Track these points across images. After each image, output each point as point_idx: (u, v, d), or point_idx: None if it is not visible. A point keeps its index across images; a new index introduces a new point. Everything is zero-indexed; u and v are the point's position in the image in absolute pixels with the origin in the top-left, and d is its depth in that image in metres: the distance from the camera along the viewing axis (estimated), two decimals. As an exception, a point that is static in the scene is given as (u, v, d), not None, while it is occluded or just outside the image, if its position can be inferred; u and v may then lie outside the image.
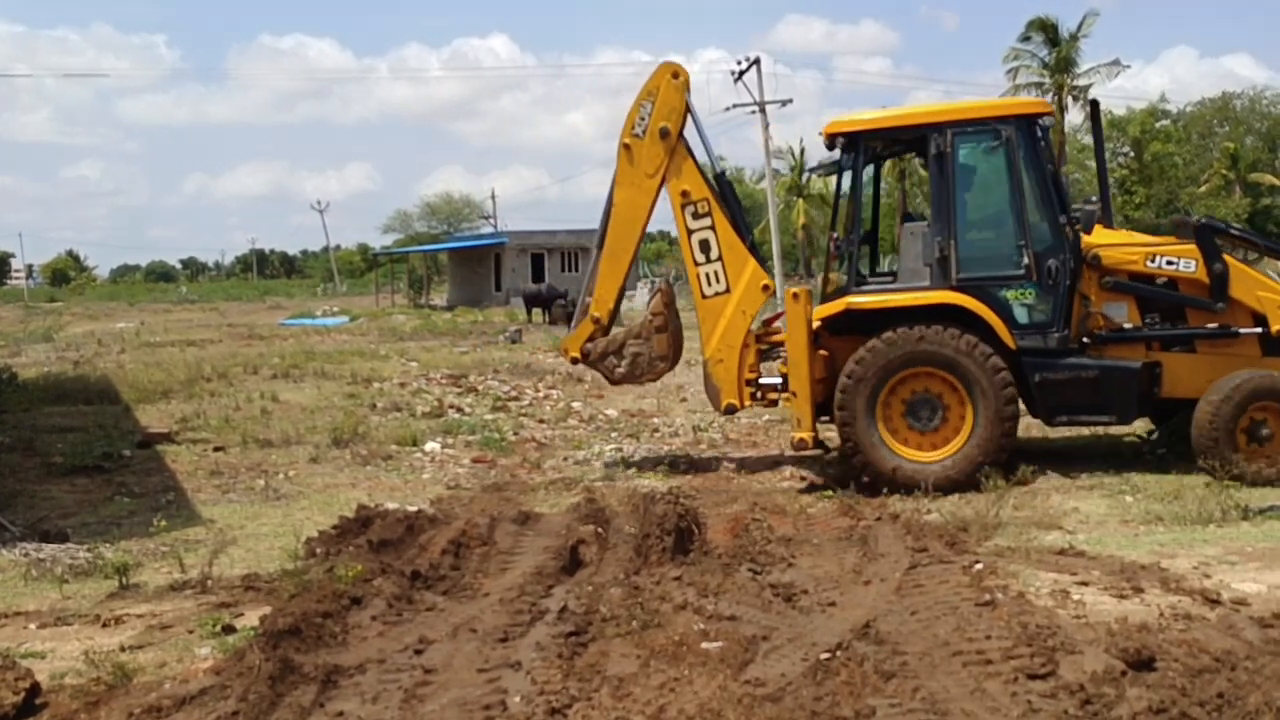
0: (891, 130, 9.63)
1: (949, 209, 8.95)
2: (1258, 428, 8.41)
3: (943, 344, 8.72)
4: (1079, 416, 9.11)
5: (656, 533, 6.78)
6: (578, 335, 10.39)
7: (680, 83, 9.94)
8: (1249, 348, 8.89)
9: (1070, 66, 48.88)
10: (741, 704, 4.18)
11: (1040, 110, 9.22)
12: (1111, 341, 8.98)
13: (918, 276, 9.14)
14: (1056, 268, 8.83)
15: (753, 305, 9.83)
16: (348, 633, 5.33)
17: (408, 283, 59.31)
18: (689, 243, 9.91)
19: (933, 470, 8.72)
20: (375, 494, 9.34)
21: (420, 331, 29.52)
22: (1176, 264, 8.95)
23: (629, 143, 9.98)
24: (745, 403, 9.84)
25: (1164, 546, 6.55)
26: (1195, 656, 4.38)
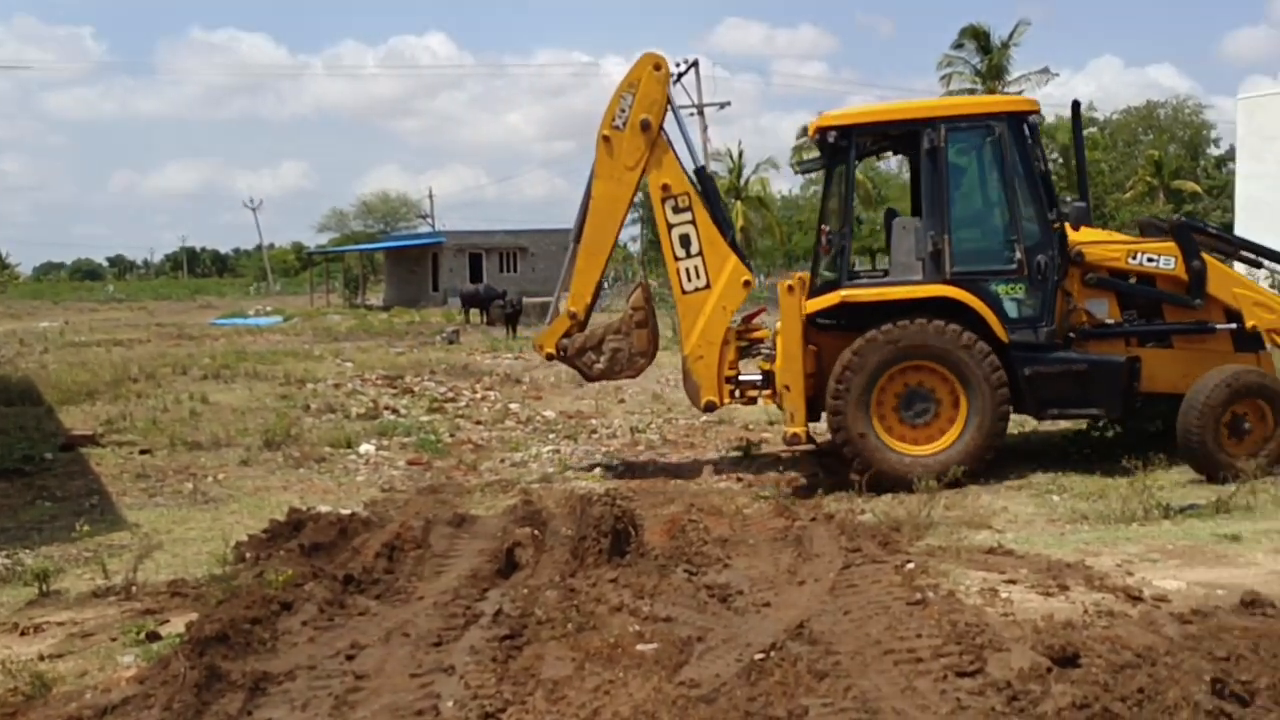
0: (883, 125, 9.74)
1: (942, 204, 9.04)
2: (1239, 422, 8.64)
3: (940, 338, 8.81)
4: (1068, 410, 9.29)
5: (593, 535, 6.76)
6: (553, 331, 10.25)
7: (662, 75, 9.87)
8: (1222, 343, 9.16)
9: (1001, 74, 49.77)
10: (676, 705, 4.19)
11: (1030, 109, 9.34)
12: (1092, 337, 9.17)
13: (909, 270, 9.22)
14: (1045, 263, 8.97)
15: (733, 301, 9.80)
16: (277, 639, 5.24)
17: (343, 282, 58.53)
18: (669, 237, 9.82)
19: (925, 464, 8.78)
20: (308, 497, 9.20)
21: (356, 332, 29.17)
22: (1157, 261, 9.17)
23: (609, 135, 9.85)
24: (725, 400, 9.81)
25: (1089, 545, 6.69)
26: (1117, 653, 4.48)
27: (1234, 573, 5.89)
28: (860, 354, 8.85)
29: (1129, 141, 60.78)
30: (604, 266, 10.36)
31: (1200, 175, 57.39)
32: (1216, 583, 5.68)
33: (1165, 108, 61.95)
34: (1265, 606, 5.03)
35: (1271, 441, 8.63)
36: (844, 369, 8.88)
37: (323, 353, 21.64)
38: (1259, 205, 25.78)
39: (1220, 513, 7.45)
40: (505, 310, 28.16)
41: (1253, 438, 8.62)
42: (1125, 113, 62.49)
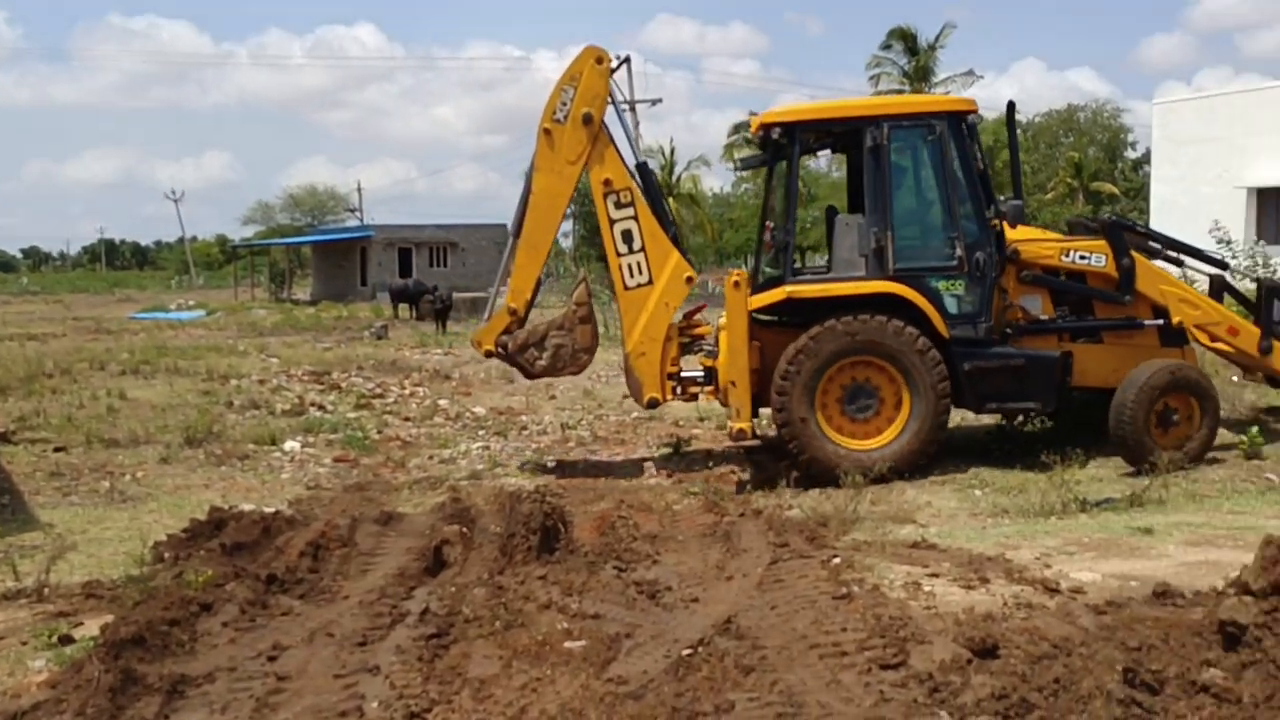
0: (826, 123, 9.82)
1: (885, 202, 9.14)
2: (1169, 414, 8.91)
3: (885, 334, 8.92)
4: (1006, 404, 9.47)
5: (522, 532, 6.73)
6: (492, 327, 10.11)
7: (604, 69, 9.78)
8: (1149, 339, 9.44)
9: (928, 76, 50.64)
10: (603, 703, 4.19)
11: (969, 108, 9.49)
12: (1027, 333, 9.37)
13: (852, 267, 9.31)
14: (984, 260, 9.13)
15: (676, 297, 9.79)
16: (196, 641, 5.12)
17: (269, 276, 57.43)
18: (611, 233, 9.77)
19: (869, 458, 8.89)
20: (230, 495, 9.01)
21: (282, 327, 28.66)
22: (1089, 259, 9.41)
23: (550, 128, 9.75)
24: (667, 397, 9.82)
25: (1009, 538, 6.84)
26: (1035, 644, 4.58)
27: (1147, 564, 6.06)
28: (815, 341, 8.94)
29: (1050, 143, 62.13)
30: (544, 262, 10.30)
31: (1118, 177, 58.91)
32: (1130, 574, 5.85)
33: (1085, 111, 63.48)
34: (1175, 597, 5.18)
35: (1194, 439, 8.91)
36: (796, 354, 8.96)
37: (247, 348, 21.22)
38: (1171, 207, 26.62)
39: (1134, 506, 7.68)
40: (435, 305, 27.88)
41: (1179, 431, 8.92)
42: (1047, 115, 63.87)
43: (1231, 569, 3.74)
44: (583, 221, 56.35)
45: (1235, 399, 11.25)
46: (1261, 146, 24.79)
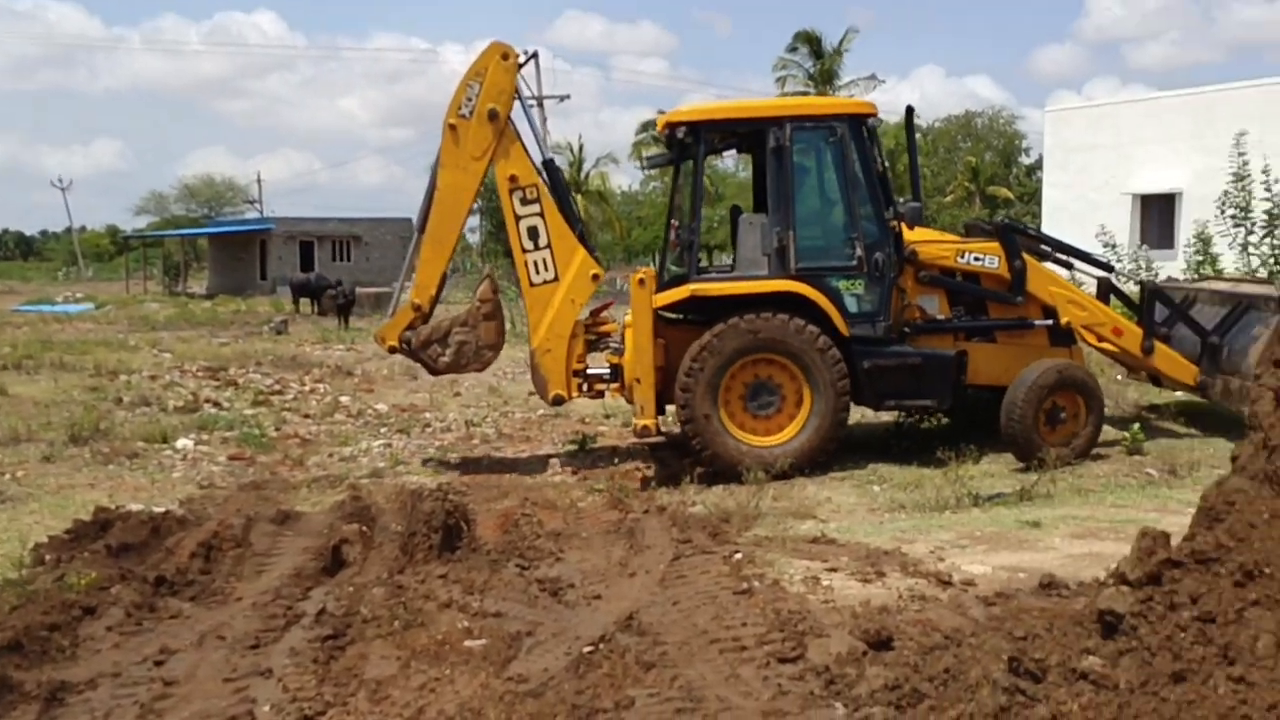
0: (731, 123, 9.88)
1: (787, 201, 9.23)
2: (1057, 412, 9.20)
3: (787, 332, 9.02)
4: (904, 402, 9.66)
5: (423, 530, 6.64)
6: (396, 323, 9.96)
7: (510, 64, 9.69)
8: (1040, 338, 9.73)
9: (833, 79, 51.51)
10: (503, 701, 4.16)
11: (869, 111, 9.63)
12: (923, 332, 9.58)
13: (755, 266, 9.40)
14: (883, 261, 9.28)
15: (582, 294, 9.74)
16: (78, 646, 4.94)
17: (163, 269, 55.58)
18: (517, 229, 9.69)
19: (770, 454, 8.98)
20: (117, 495, 8.69)
21: (176, 321, 27.79)
22: (983, 260, 9.66)
23: (455, 123, 9.62)
24: (573, 394, 9.79)
25: (905, 532, 7.00)
26: (928, 635, 4.70)
27: (1034, 556, 6.27)
28: (719, 339, 9.01)
29: (949, 148, 63.78)
30: (449, 257, 10.19)
31: (1013, 182, 60.76)
32: (1019, 566, 6.04)
33: (982, 117, 65.29)
34: (1061, 588, 5.38)
35: (1080, 436, 9.24)
36: (700, 351, 9.02)
37: (138, 342, 20.53)
38: (1062, 212, 27.54)
39: (1024, 500, 7.93)
40: (338, 300, 27.34)
41: (1066, 428, 9.23)
42: (946, 121, 65.54)
43: (1113, 560, 3.89)
44: (490, 217, 55.87)
45: (1119, 397, 11.72)
46: (1146, 155, 25.82)
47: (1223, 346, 9.65)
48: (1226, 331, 9.70)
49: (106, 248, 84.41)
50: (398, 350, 10.09)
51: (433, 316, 10.11)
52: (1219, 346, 9.67)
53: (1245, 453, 3.51)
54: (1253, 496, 3.36)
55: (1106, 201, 25.27)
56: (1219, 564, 3.31)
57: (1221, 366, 9.63)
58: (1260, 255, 14.89)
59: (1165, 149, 25.31)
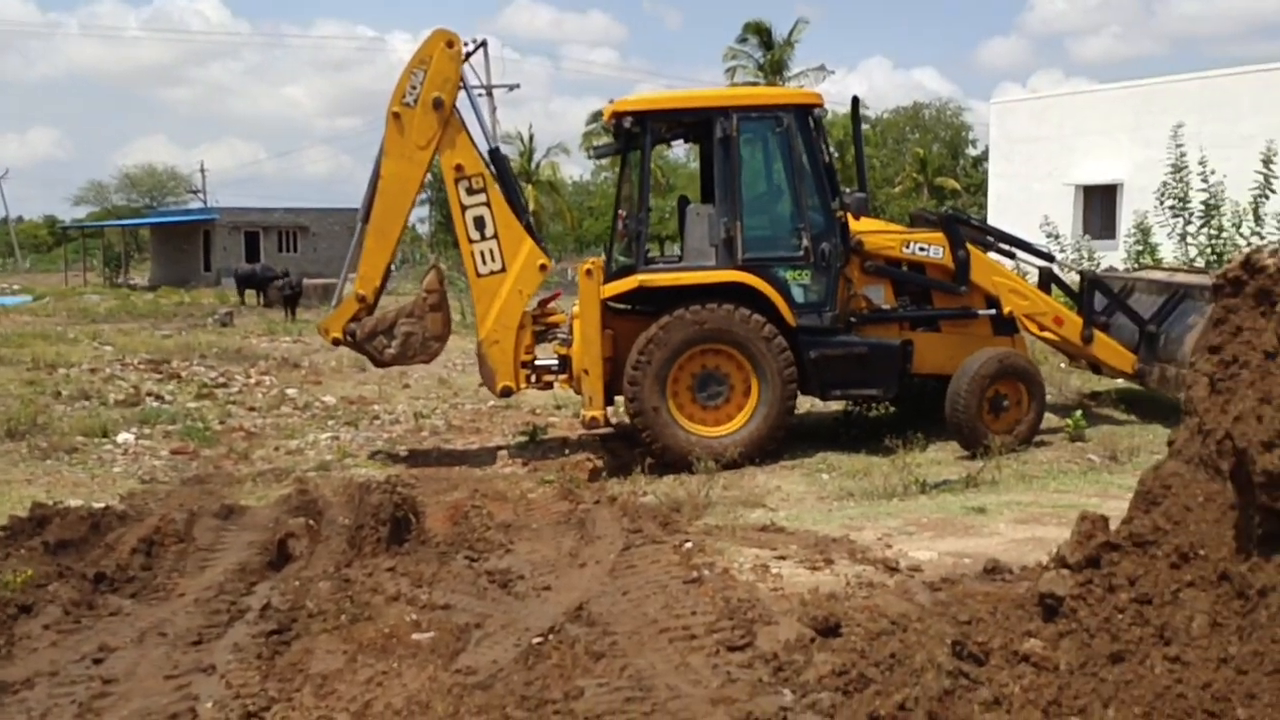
0: (677, 112, 9.85)
1: (734, 192, 9.23)
2: (1000, 400, 9.31)
3: (734, 323, 9.03)
4: (850, 391, 9.73)
5: (371, 523, 6.59)
6: (340, 314, 9.85)
7: (455, 52, 9.60)
8: (983, 328, 9.84)
9: (782, 70, 51.75)
10: (451, 694, 4.14)
11: (815, 101, 9.66)
12: (869, 321, 9.64)
13: (703, 256, 9.39)
14: (829, 251, 9.32)
15: (529, 285, 9.69)
16: (14, 645, 4.83)
17: (103, 260, 54.45)
18: (463, 219, 9.61)
19: (719, 444, 8.99)
20: (55, 490, 8.50)
21: (117, 313, 27.24)
22: (928, 250, 9.75)
23: (399, 112, 9.52)
24: (521, 385, 9.74)
25: (853, 520, 7.07)
26: (875, 620, 4.74)
27: (980, 542, 6.36)
28: (665, 331, 9.01)
29: (897, 139, 64.45)
30: (394, 248, 10.09)
31: (960, 173, 61.52)
32: (964, 552, 6.12)
33: (930, 109, 66.07)
34: (1005, 572, 5.46)
35: (1023, 423, 9.38)
36: (647, 343, 9.02)
37: (78, 335, 20.08)
38: (1008, 202, 27.92)
39: (970, 487, 8.04)
40: (284, 292, 26.94)
41: (1009, 416, 9.36)
42: (895, 112, 66.21)
43: (1056, 544, 3.95)
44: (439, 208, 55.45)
45: (1062, 384, 11.90)
46: (1088, 146, 26.25)
47: (1159, 335, 9.83)
48: (1163, 320, 9.88)
49: (44, 238, 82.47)
50: (342, 342, 9.98)
51: (378, 308, 10.01)
52: (1156, 335, 9.85)
53: (1181, 437, 3.58)
54: (1188, 480, 3.43)
55: (1050, 192, 25.65)
56: (1156, 546, 3.37)
57: (1158, 354, 9.80)
58: (1198, 245, 15.19)
59: (1106, 140, 25.75)
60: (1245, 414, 3.20)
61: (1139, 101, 25.09)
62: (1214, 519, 3.31)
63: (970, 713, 3.31)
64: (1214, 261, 14.66)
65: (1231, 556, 3.22)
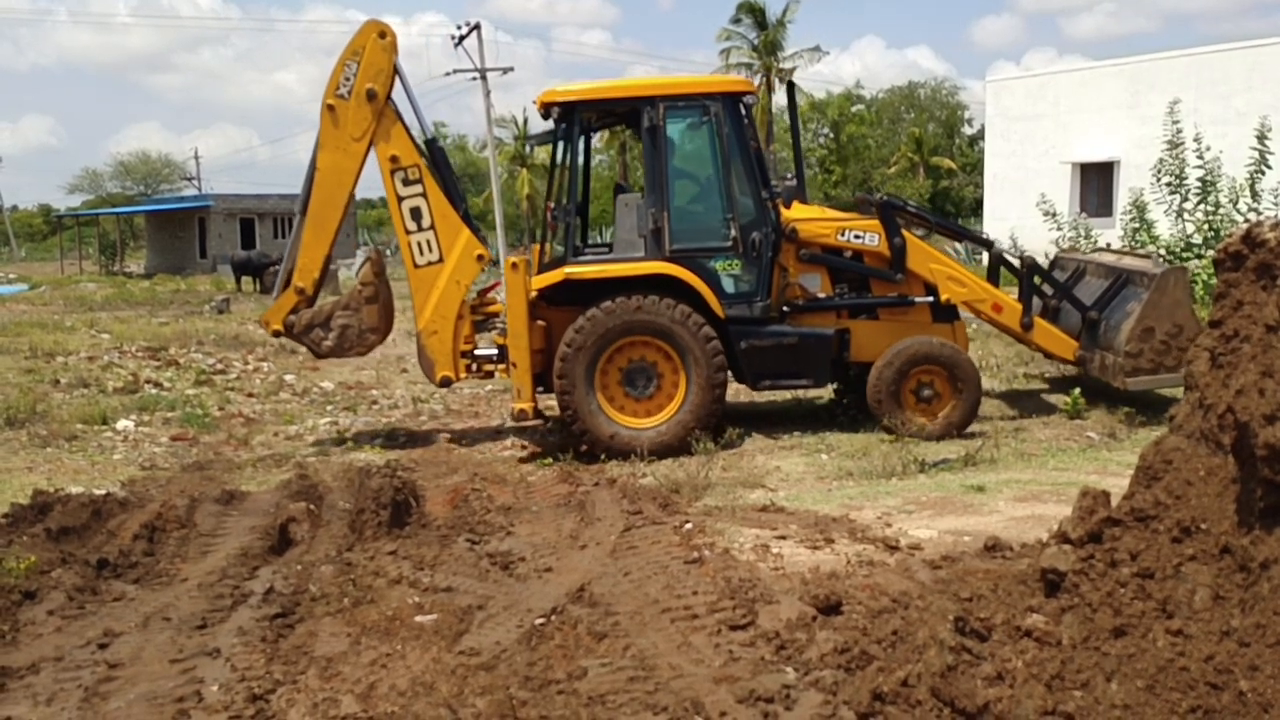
0: (605, 102, 9.72)
1: (662, 182, 9.19)
2: (923, 388, 9.29)
3: (658, 314, 8.96)
4: (780, 381, 9.64)
5: (372, 507, 6.61)
6: (280, 306, 9.86)
7: (387, 43, 9.55)
8: (922, 315, 9.75)
9: (776, 50, 51.58)
10: (455, 675, 4.16)
11: (744, 89, 9.61)
12: (807, 310, 9.58)
13: (633, 247, 9.33)
14: (760, 240, 9.27)
15: (467, 275, 9.67)
16: (19, 631, 4.84)
17: (99, 248, 54.26)
18: (399, 210, 9.61)
19: (648, 436, 8.98)
20: (56, 478, 8.51)
21: (114, 301, 27.17)
22: (863, 238, 9.67)
23: (333, 104, 9.52)
24: (461, 375, 9.72)
25: (853, 500, 7.08)
26: (876, 599, 4.77)
27: (979, 520, 6.38)
28: (584, 328, 8.95)
29: (893, 119, 64.27)
30: (333, 239, 10.01)
31: (956, 152, 61.43)
32: (964, 530, 6.14)
33: (925, 88, 65.84)
34: (1005, 549, 5.48)
35: (948, 407, 9.31)
36: (569, 342, 8.97)
37: (75, 323, 20.04)
38: (1004, 181, 27.91)
39: (968, 466, 8.06)
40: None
41: (936, 404, 9.33)
42: (890, 92, 66.01)
43: (1056, 522, 3.97)
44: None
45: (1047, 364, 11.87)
46: (1084, 124, 26.21)
47: (1101, 321, 9.67)
48: (1105, 306, 9.72)
49: (40, 227, 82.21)
50: (282, 334, 10.00)
51: (318, 299, 10.00)
52: (1097, 321, 9.70)
53: (1182, 412, 3.59)
54: (1189, 454, 3.44)
55: (1047, 170, 25.64)
56: (1157, 521, 3.38)
57: (1099, 341, 9.66)
58: (1194, 221, 15.19)
59: (1102, 118, 25.72)
60: (1247, 388, 3.21)
61: (1134, 79, 25.06)
62: (1215, 493, 3.32)
63: (973, 688, 3.32)
64: (1211, 237, 14.67)
65: (1233, 530, 3.23)
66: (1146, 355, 9.07)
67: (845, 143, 58.28)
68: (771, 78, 51.65)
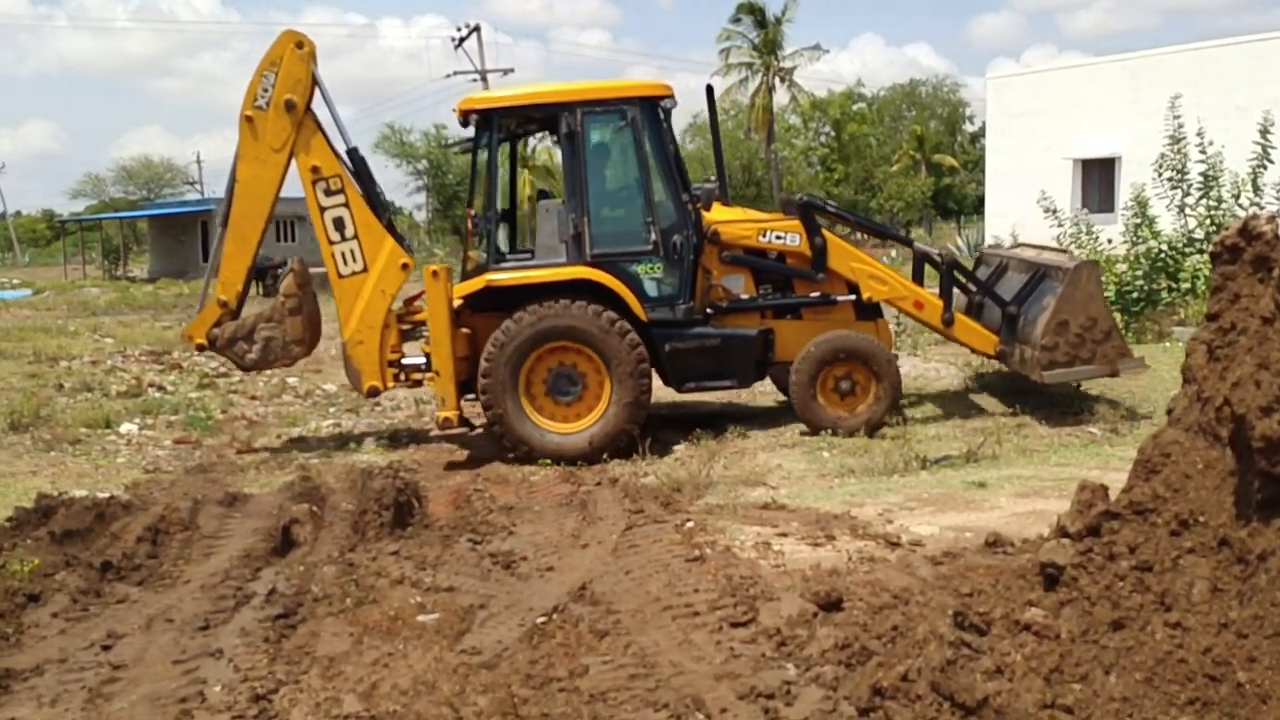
0: (524, 109, 9.69)
1: (581, 187, 9.19)
2: (840, 383, 9.34)
3: (580, 319, 8.93)
4: (705, 383, 9.62)
5: (374, 508, 6.62)
6: (203, 320, 9.80)
7: (305, 53, 9.49)
8: (845, 314, 9.78)
9: (776, 49, 51.59)
10: (457, 673, 4.17)
11: (662, 93, 9.52)
12: (731, 312, 9.60)
13: (554, 253, 9.32)
14: (681, 243, 9.27)
15: (392, 284, 9.58)
16: (23, 633, 4.86)
17: (102, 253, 54.41)
18: (322, 221, 9.53)
19: (574, 441, 8.96)
20: (60, 481, 8.52)
21: (117, 305, 27.25)
22: (784, 238, 9.71)
23: (252, 115, 9.45)
24: (388, 384, 9.66)
25: (854, 497, 7.09)
26: (877, 595, 4.78)
27: (980, 516, 6.38)
28: (506, 335, 8.93)
29: (894, 117, 64.24)
30: (255, 251, 9.94)
31: (957, 150, 61.40)
32: (965, 526, 6.15)
33: (926, 85, 65.82)
34: (1006, 545, 5.48)
35: (867, 400, 9.35)
36: (491, 349, 8.95)
37: (79, 328, 20.10)
38: (1006, 178, 27.88)
39: (970, 462, 8.06)
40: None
41: (856, 398, 9.37)
42: (891, 89, 65.98)
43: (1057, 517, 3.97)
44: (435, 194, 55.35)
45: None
46: (1085, 120, 26.18)
47: (1019, 315, 9.71)
48: (1023, 301, 9.76)
49: (43, 232, 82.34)
50: (206, 348, 9.95)
51: (242, 312, 9.96)
52: (1016, 316, 9.73)
53: (1180, 405, 3.59)
54: (1187, 448, 3.44)
55: (1049, 167, 25.59)
56: (1155, 514, 3.39)
57: (1017, 335, 9.67)
58: (1197, 216, 15.17)
59: (1104, 114, 25.68)
60: (1243, 380, 3.21)
61: (1135, 74, 25.03)
62: (1213, 485, 3.32)
63: (973, 682, 3.33)
64: (1213, 232, 14.64)
65: (1231, 522, 3.23)
66: (1062, 348, 9.14)
67: (847, 141, 58.25)
68: (771, 77, 51.66)
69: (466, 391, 9.31)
